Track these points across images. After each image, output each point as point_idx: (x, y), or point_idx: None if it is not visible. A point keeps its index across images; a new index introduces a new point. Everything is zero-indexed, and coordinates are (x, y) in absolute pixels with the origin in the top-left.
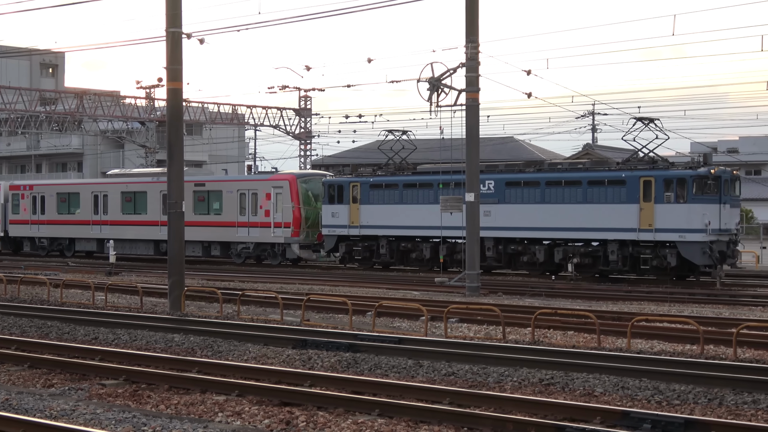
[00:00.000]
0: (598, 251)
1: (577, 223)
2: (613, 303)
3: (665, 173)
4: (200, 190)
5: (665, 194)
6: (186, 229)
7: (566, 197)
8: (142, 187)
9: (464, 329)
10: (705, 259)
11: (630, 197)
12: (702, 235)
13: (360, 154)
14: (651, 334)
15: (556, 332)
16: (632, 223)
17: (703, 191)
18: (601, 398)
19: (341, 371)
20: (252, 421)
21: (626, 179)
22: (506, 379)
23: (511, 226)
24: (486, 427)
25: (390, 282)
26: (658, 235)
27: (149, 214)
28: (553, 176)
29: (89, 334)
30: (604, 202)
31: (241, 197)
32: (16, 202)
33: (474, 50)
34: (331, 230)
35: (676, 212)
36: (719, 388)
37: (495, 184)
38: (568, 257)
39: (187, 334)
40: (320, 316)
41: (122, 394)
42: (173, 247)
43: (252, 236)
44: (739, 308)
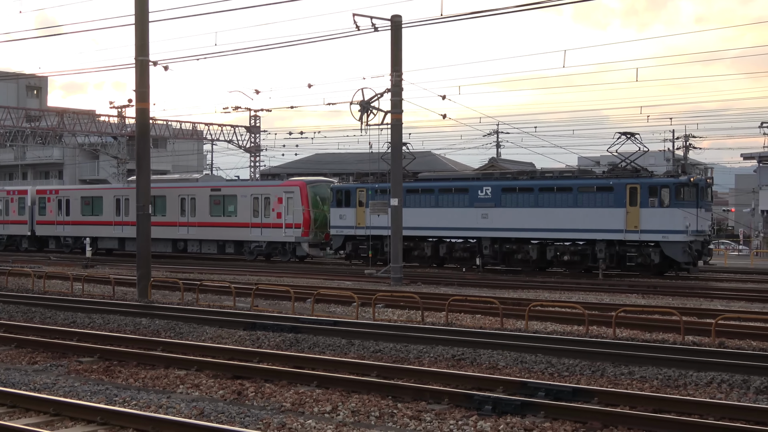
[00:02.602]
0: (587, 250)
1: (568, 225)
2: (514, 291)
3: (650, 181)
4: (216, 194)
5: (650, 199)
6: (202, 229)
7: (558, 202)
8: (161, 192)
9: (389, 313)
10: (685, 256)
11: (617, 202)
12: (683, 236)
13: (301, 165)
14: (545, 317)
15: (466, 316)
16: (619, 225)
17: (683, 197)
18: (503, 371)
19: (285, 349)
20: (209, 392)
21: (614, 186)
22: (424, 355)
23: (507, 228)
24: (407, 396)
25: (327, 274)
26: (643, 236)
27: (168, 216)
28: (547, 183)
29: (68, 318)
30: (593, 206)
31: (254, 201)
32: (42, 205)
33: (398, 78)
34: (338, 231)
35: (660, 215)
36: (601, 361)
37: (492, 190)
38: (558, 255)
39: (153, 318)
40: (267, 302)
41: (97, 369)
42: (141, 244)
43: (265, 236)
44: (617, 295)
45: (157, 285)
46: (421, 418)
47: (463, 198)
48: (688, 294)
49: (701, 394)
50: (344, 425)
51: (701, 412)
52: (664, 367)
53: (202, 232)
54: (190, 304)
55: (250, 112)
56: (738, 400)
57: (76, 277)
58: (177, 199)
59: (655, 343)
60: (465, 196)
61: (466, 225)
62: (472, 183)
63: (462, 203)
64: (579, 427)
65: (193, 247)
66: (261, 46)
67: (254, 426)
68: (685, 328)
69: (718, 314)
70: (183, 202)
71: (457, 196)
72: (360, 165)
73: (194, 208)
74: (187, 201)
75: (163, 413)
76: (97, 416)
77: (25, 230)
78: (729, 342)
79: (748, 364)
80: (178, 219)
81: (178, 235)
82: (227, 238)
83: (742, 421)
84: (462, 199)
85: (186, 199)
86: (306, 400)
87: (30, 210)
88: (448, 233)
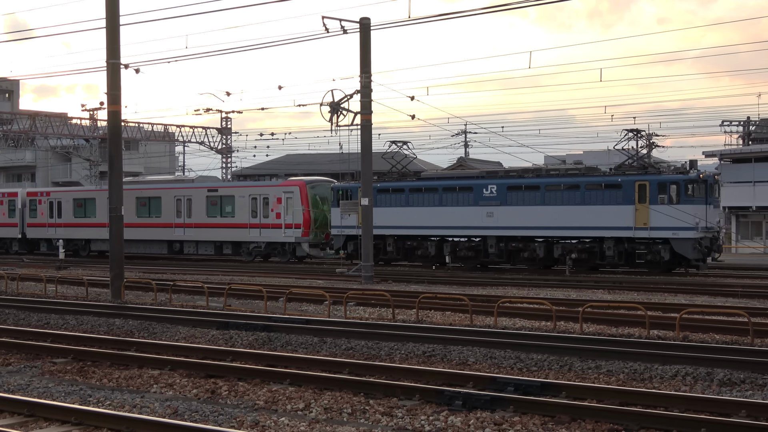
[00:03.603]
0: (595, 247)
1: (576, 222)
2: (483, 288)
3: (659, 178)
4: (213, 195)
5: (659, 196)
6: (200, 230)
7: (565, 200)
8: (157, 193)
9: (361, 311)
10: (696, 253)
11: (626, 199)
12: (693, 233)
13: (273, 165)
14: (514, 313)
15: (436, 313)
16: (628, 222)
17: (693, 193)
18: (473, 366)
19: (258, 348)
20: (182, 391)
21: (622, 183)
22: (395, 352)
23: (513, 226)
24: (379, 392)
25: (299, 273)
26: (653, 233)
27: (163, 217)
28: (553, 181)
29: (42, 319)
30: (601, 203)
31: (253, 201)
32: (33, 207)
33: (367, 80)
34: (340, 231)
35: (670, 212)
36: (569, 356)
37: (497, 188)
38: (565, 253)
39: (127, 318)
40: (240, 302)
41: (70, 370)
42: (114, 246)
43: (264, 236)
44: (584, 291)
45: (131, 286)
46: (393, 414)
47: (467, 197)
48: (652, 289)
49: (666, 387)
50: (317, 422)
51: (666, 404)
52: (630, 361)
53: (198, 234)
54: (163, 305)
55: (222, 113)
56: (702, 392)
57: (49, 278)
58: (172, 200)
59: (621, 337)
60: (470, 195)
61: (471, 224)
62: (477, 181)
63: (467, 202)
64: (547, 421)
65: (189, 248)
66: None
67: (228, 424)
68: (650, 323)
69: (682, 308)
70: (179, 203)
71: (462, 195)
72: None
73: (190, 209)
74: (183, 202)
75: (137, 413)
76: (72, 417)
77: (16, 233)
78: (693, 336)
79: (711, 357)
80: (173, 220)
81: (173, 236)
82: (225, 239)
83: (707, 412)
84: (466, 197)
85: (182, 200)
86: (279, 397)
87: (20, 212)
88: (452, 232)
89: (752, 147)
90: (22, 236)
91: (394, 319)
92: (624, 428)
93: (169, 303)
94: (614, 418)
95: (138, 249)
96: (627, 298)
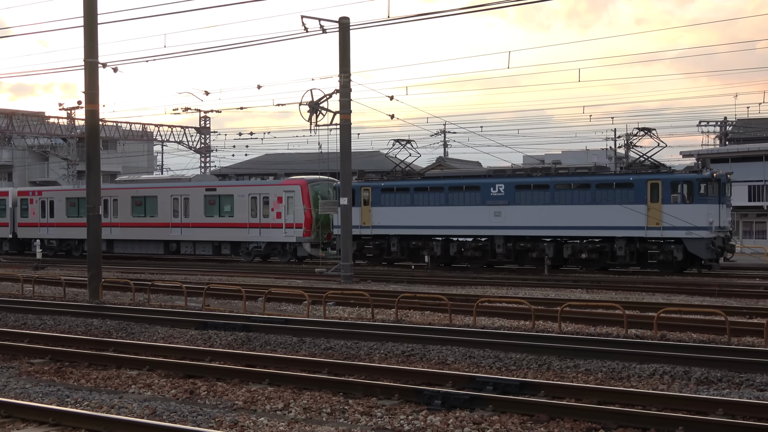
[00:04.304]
0: (605, 247)
1: (586, 222)
2: (462, 288)
3: (672, 176)
4: (211, 194)
5: (672, 195)
6: (197, 230)
7: (575, 199)
8: (153, 192)
9: (340, 311)
10: (709, 253)
11: (638, 198)
12: (707, 232)
13: (252, 165)
14: (492, 312)
15: (415, 312)
16: (640, 222)
17: (707, 192)
18: (452, 366)
19: (237, 348)
20: (161, 392)
21: (634, 182)
22: (375, 351)
23: (521, 226)
24: (358, 392)
25: (277, 272)
26: (665, 233)
27: (160, 217)
28: (563, 180)
29: (19, 320)
30: (612, 203)
31: (252, 200)
32: (24, 207)
33: (346, 79)
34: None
35: (683, 211)
36: (547, 355)
37: (505, 187)
38: (574, 253)
39: (104, 318)
40: (219, 302)
41: (48, 371)
42: (92, 245)
43: (264, 236)
44: (562, 290)
45: (109, 286)
46: (372, 413)
47: (474, 196)
48: (630, 288)
49: (644, 386)
50: (296, 422)
51: (644, 402)
52: (608, 359)
53: (196, 234)
54: (141, 305)
55: (200, 113)
56: (680, 390)
57: (26, 278)
58: (169, 199)
59: (599, 336)
60: (477, 194)
61: (478, 223)
62: (484, 180)
63: (473, 201)
64: (526, 420)
65: (186, 248)
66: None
67: (207, 424)
68: (628, 322)
69: (659, 308)
70: (175, 203)
71: (468, 194)
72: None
73: (187, 209)
74: (179, 201)
75: (115, 413)
76: (49, 417)
77: (7, 233)
78: (670, 334)
79: (688, 355)
80: (170, 220)
81: (170, 236)
82: (223, 239)
83: (684, 411)
84: (473, 197)
85: (179, 199)
86: (258, 397)
87: (11, 212)
88: (458, 232)
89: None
90: (12, 236)
91: (373, 319)
92: (602, 427)
93: (148, 303)
94: (592, 417)
95: (133, 249)
96: (605, 297)
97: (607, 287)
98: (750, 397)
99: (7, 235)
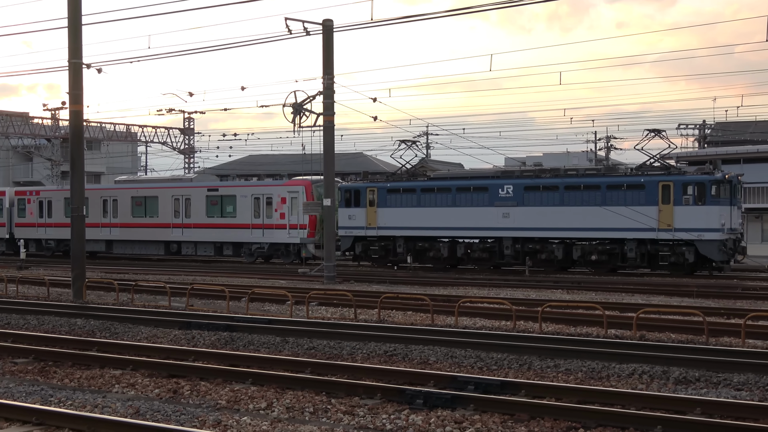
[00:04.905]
0: (615, 249)
1: (596, 223)
2: (444, 288)
3: (684, 178)
4: (213, 195)
5: (684, 197)
6: (198, 231)
7: (585, 200)
8: (153, 192)
9: (323, 311)
10: (721, 255)
11: (649, 200)
12: (719, 234)
13: (236, 166)
14: (474, 312)
15: (397, 312)
16: (651, 224)
17: (718, 194)
18: (434, 365)
19: (220, 347)
20: (144, 391)
21: (645, 184)
22: (357, 351)
23: (530, 227)
24: (341, 392)
25: (261, 273)
26: (677, 234)
27: (161, 217)
28: (573, 181)
29: (2, 319)
30: (623, 204)
31: (255, 201)
32: (21, 207)
33: (330, 81)
34: (348, 231)
35: (695, 213)
36: (528, 355)
37: (514, 189)
38: (584, 255)
39: (88, 318)
40: (202, 302)
41: (32, 370)
42: (75, 245)
43: (267, 237)
44: (543, 291)
45: (92, 286)
46: (355, 413)
47: (482, 197)
48: (610, 289)
49: (623, 385)
50: (279, 421)
51: (623, 402)
52: (588, 359)
53: (197, 234)
54: (125, 305)
55: (184, 114)
56: (658, 390)
57: (10, 278)
58: (170, 199)
59: (579, 336)
60: (485, 195)
61: (486, 225)
62: (493, 182)
63: (481, 202)
64: (507, 419)
65: (187, 249)
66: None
67: (190, 424)
68: (607, 322)
69: (638, 308)
70: (176, 203)
71: (476, 195)
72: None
73: (189, 209)
74: (181, 201)
75: (98, 413)
76: (33, 417)
77: (3, 233)
78: (649, 335)
79: (667, 355)
80: (171, 220)
81: (171, 237)
82: (225, 240)
83: (663, 410)
84: (481, 198)
85: (180, 199)
86: (241, 397)
87: (8, 212)
88: (466, 233)
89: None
90: (9, 236)
91: (356, 319)
92: (582, 426)
93: (131, 303)
94: (572, 416)
95: (133, 250)
96: (585, 298)
97: (588, 288)
98: (727, 397)
99: (4, 235)
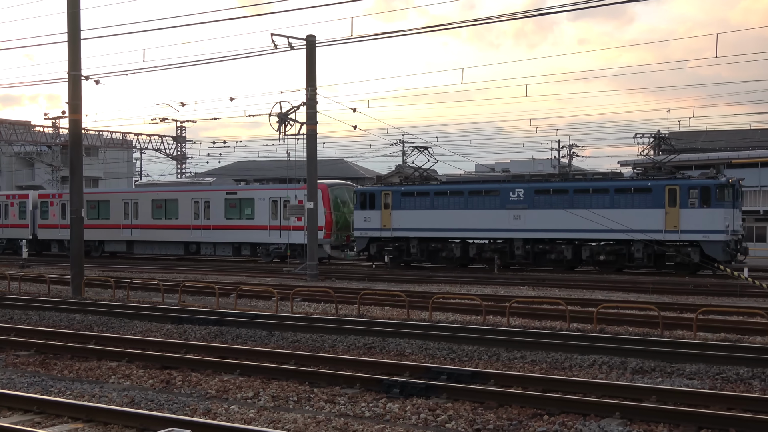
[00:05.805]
0: (623, 250)
1: (604, 225)
2: (419, 285)
3: (690, 182)
4: (232, 198)
5: (689, 200)
6: (218, 232)
7: (594, 203)
8: (173, 195)
9: (306, 306)
10: (725, 255)
11: (656, 203)
12: (723, 235)
13: (225, 171)
14: (447, 308)
15: (376, 308)
16: (658, 225)
17: (722, 197)
18: (410, 357)
19: (210, 341)
20: (139, 382)
21: (652, 187)
22: (338, 344)
23: (540, 228)
24: (323, 382)
25: (248, 271)
26: (683, 236)
27: (180, 219)
28: (582, 185)
29: (5, 315)
30: (630, 207)
31: (273, 204)
32: (45, 209)
33: (313, 93)
34: (363, 233)
35: (701, 216)
36: (497, 347)
37: (524, 192)
38: (592, 255)
39: (86, 314)
40: (193, 298)
41: (33, 362)
42: (74, 246)
43: (284, 238)
44: (511, 287)
45: (90, 283)
46: (336, 401)
47: (494, 200)
48: (572, 286)
49: (585, 375)
50: (265, 409)
51: (585, 390)
52: (552, 351)
53: (216, 235)
54: (121, 301)
55: (177, 123)
56: (617, 379)
57: (12, 276)
58: (190, 202)
59: (544, 330)
60: (496, 198)
61: (498, 226)
62: (504, 185)
63: (493, 205)
64: (477, 407)
65: (206, 249)
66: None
67: (182, 412)
68: (570, 317)
69: (598, 303)
70: (196, 206)
71: (488, 198)
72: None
73: (208, 211)
74: (200, 204)
75: (96, 402)
76: (34, 406)
77: (27, 234)
78: (608, 328)
79: (625, 347)
80: (191, 222)
81: (191, 238)
82: (244, 241)
83: (621, 397)
84: (493, 201)
85: (200, 202)
86: (230, 387)
87: (32, 214)
88: (477, 234)
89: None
90: (33, 237)
91: (337, 314)
92: (546, 413)
93: (127, 299)
94: (538, 403)
95: (153, 250)
96: (550, 294)
97: (552, 285)
98: (680, 385)
99: (27, 236)
